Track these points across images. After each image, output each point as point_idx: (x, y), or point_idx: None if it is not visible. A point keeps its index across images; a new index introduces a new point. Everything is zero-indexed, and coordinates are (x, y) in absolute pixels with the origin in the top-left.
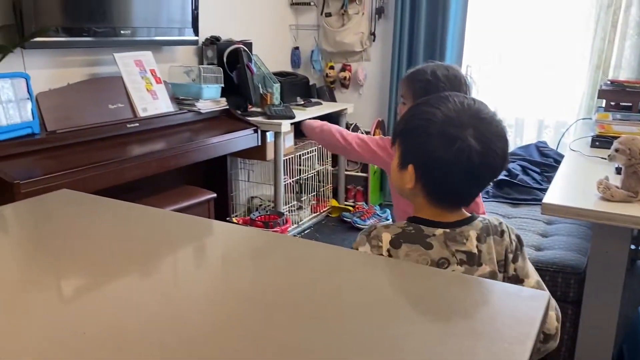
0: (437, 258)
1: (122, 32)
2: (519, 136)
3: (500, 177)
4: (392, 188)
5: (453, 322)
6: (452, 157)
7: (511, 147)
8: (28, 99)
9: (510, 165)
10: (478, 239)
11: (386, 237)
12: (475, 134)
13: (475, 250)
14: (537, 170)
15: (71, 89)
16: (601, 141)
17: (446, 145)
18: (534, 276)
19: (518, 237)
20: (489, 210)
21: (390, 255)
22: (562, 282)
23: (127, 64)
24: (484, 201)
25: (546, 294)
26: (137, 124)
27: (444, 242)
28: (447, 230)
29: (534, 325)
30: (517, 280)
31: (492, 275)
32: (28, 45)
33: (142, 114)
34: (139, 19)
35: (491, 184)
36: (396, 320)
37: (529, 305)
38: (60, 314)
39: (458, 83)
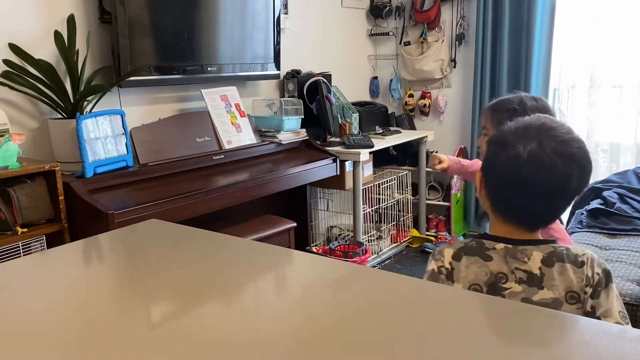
0: (496, 271)
1: (209, 69)
2: (615, 162)
3: (595, 205)
4: None
5: None
6: (502, 163)
7: (606, 174)
8: (123, 134)
9: (606, 193)
10: (544, 262)
11: (448, 252)
12: (534, 146)
13: (536, 272)
14: (637, 198)
15: (162, 124)
16: None
17: (500, 151)
18: (616, 318)
19: (606, 273)
20: (583, 241)
21: (452, 269)
22: None
23: (213, 99)
24: (577, 231)
25: None
26: (222, 156)
27: (504, 257)
28: (509, 245)
29: None
30: (593, 317)
31: (555, 303)
32: (124, 84)
33: (227, 146)
34: (225, 56)
35: (584, 213)
36: None
37: (635, 348)
38: (146, 342)
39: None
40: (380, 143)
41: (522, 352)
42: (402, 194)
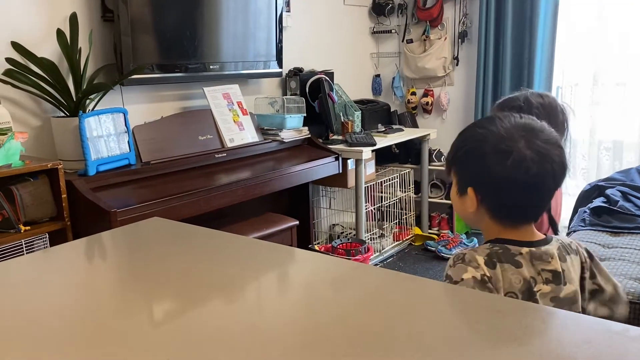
0: (529, 277)
1: (211, 67)
2: (618, 160)
3: (598, 203)
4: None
5: None
6: (509, 171)
7: (609, 172)
8: (126, 132)
9: (609, 191)
10: (560, 258)
11: (480, 259)
12: (527, 144)
13: (560, 269)
14: None
15: (164, 122)
16: None
17: (501, 160)
18: (612, 280)
19: (588, 252)
20: (586, 239)
21: (489, 277)
22: None
23: (215, 97)
24: (580, 229)
25: None
26: (225, 154)
27: (530, 261)
28: (533, 249)
29: None
30: (601, 291)
31: (576, 295)
32: (126, 83)
33: (229, 144)
34: (227, 54)
35: (587, 211)
36: None
37: (637, 347)
38: (147, 340)
39: (554, 111)
40: (382, 141)
41: (523, 351)
42: (405, 192)
